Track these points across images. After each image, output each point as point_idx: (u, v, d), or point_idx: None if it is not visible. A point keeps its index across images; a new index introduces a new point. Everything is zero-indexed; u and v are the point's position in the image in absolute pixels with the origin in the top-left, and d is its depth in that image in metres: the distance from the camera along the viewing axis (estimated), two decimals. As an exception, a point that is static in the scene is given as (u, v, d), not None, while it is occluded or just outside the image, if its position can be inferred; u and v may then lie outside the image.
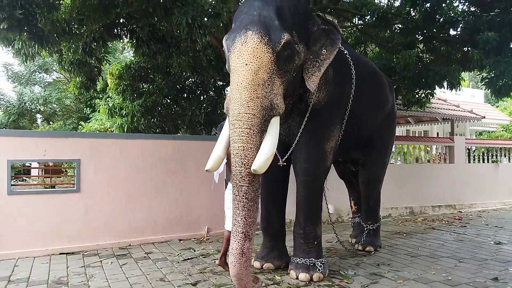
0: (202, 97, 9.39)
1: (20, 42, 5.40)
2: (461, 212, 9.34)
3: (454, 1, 7.41)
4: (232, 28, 3.64)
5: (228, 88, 9.86)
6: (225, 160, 3.82)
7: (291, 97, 3.91)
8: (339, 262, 4.86)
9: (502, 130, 19.51)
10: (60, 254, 5.25)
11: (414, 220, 8.07)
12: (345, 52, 4.51)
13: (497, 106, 24.31)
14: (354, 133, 4.82)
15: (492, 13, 6.15)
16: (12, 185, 5.35)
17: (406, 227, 7.34)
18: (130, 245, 5.74)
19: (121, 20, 6.31)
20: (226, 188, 4.55)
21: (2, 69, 18.63)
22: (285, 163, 4.18)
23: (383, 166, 5.77)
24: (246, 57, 3.29)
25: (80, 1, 5.54)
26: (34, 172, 13.51)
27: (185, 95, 9.45)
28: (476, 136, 20.15)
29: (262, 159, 3.16)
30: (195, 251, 5.43)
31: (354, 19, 8.96)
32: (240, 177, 3.19)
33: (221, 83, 9.54)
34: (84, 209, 5.55)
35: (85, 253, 5.31)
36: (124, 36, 6.85)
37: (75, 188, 5.56)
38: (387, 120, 5.59)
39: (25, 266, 4.72)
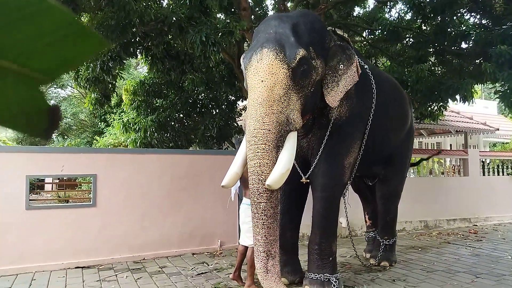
0: (214, 112, 9.50)
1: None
2: (476, 225, 9.19)
3: (465, 15, 7.45)
4: (250, 47, 3.72)
5: (239, 102, 10.03)
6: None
7: (312, 112, 3.94)
8: (354, 278, 4.83)
9: (517, 142, 19.18)
10: (76, 268, 5.31)
11: (429, 234, 7.97)
12: (365, 66, 4.53)
13: (511, 117, 23.96)
14: (376, 149, 4.76)
15: (504, 27, 6.17)
16: (30, 200, 5.46)
17: (421, 241, 7.25)
18: (144, 259, 5.79)
19: (137, 39, 6.47)
20: (240, 203, 4.57)
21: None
22: (308, 180, 4.18)
23: (402, 181, 5.72)
24: (262, 74, 3.36)
25: (97, 21, 5.73)
26: (48, 187, 13.69)
27: (198, 110, 9.57)
28: (490, 147, 19.86)
29: (277, 175, 3.18)
30: (208, 265, 5.45)
31: (365, 33, 9.04)
32: (258, 194, 3.22)
33: (233, 98, 9.66)
34: (100, 223, 5.63)
35: (101, 267, 5.36)
36: (139, 54, 7.01)
37: (91, 203, 5.65)
38: (407, 135, 5.55)
39: (42, 280, 4.78)
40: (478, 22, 7.34)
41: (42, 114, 0.39)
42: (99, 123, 15.59)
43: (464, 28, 7.16)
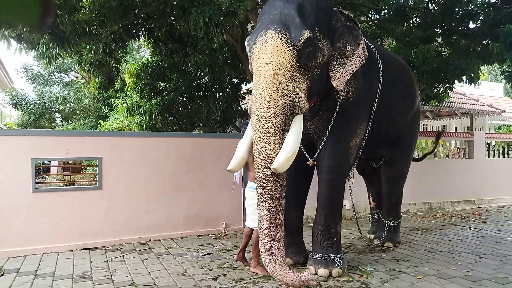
0: (218, 95, 9.46)
1: (44, 46, 5.55)
2: (480, 207, 9.19)
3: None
4: (254, 29, 3.67)
5: (243, 85, 9.97)
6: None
7: (318, 94, 3.89)
8: (358, 258, 4.87)
9: (523, 124, 19.06)
10: (83, 249, 5.38)
11: (433, 216, 8.00)
12: (372, 47, 4.46)
13: (517, 100, 23.72)
14: (382, 131, 4.72)
15: (513, 5, 6.04)
16: (36, 182, 5.51)
17: (424, 223, 7.28)
18: (150, 240, 5.86)
19: (139, 21, 6.40)
20: (245, 186, 4.58)
21: (22, 70, 19.10)
22: (314, 163, 4.17)
23: (408, 163, 5.69)
24: (267, 56, 3.31)
25: (99, 3, 5.66)
26: (53, 170, 13.77)
27: (201, 93, 9.54)
28: (495, 130, 19.73)
29: (283, 158, 3.17)
30: (214, 246, 5.51)
31: (370, 14, 8.89)
32: (264, 178, 3.21)
33: (236, 80, 9.60)
34: (106, 205, 5.68)
35: (107, 249, 5.43)
36: (142, 36, 6.95)
37: (97, 185, 5.70)
38: (414, 117, 5.49)
39: (50, 261, 4.86)
40: (486, 0, 7.17)
41: (36, 3, 0.41)
42: (103, 108, 15.59)
43: (472, 7, 7.01)
